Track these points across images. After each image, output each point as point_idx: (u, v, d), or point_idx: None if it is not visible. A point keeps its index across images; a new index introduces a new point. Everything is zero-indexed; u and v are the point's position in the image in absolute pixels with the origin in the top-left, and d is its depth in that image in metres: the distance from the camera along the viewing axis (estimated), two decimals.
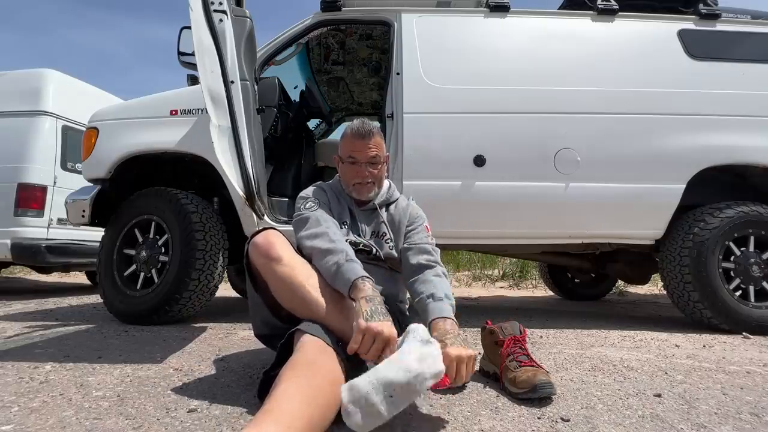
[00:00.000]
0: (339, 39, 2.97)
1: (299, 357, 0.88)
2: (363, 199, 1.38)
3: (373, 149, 1.32)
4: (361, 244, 1.30)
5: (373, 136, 1.33)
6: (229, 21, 1.84)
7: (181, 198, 2.21)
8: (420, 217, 1.43)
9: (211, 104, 1.71)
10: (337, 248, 1.10)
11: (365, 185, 1.35)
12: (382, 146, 1.36)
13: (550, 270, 3.96)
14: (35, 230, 3.54)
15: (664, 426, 0.92)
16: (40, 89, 3.82)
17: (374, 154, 1.33)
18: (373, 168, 1.34)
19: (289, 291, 1.04)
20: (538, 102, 2.28)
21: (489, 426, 0.90)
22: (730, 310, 2.09)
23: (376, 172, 1.35)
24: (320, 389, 0.81)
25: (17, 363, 1.36)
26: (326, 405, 0.80)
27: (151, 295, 2.12)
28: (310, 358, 0.88)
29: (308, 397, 0.78)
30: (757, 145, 2.22)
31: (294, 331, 0.97)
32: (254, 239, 1.08)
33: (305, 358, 0.87)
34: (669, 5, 2.57)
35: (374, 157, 1.33)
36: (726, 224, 2.15)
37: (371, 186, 1.36)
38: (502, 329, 1.22)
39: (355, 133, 1.32)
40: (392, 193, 1.47)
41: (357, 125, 1.33)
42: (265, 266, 1.05)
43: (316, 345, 0.91)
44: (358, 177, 1.34)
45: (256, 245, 1.07)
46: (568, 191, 2.21)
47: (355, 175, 1.34)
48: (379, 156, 1.34)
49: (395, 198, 1.47)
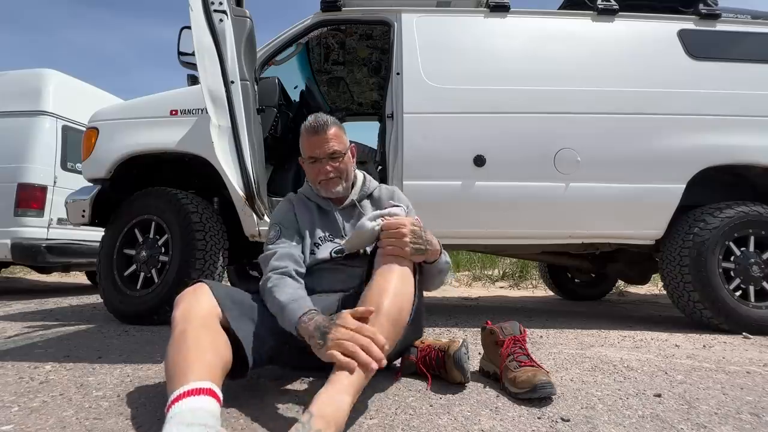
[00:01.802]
0: (339, 39, 2.97)
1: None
2: (332, 195, 1.33)
3: (331, 142, 1.27)
4: (345, 249, 1.26)
5: (328, 127, 1.28)
6: (229, 21, 1.84)
7: (181, 198, 2.21)
8: (404, 201, 1.37)
9: (211, 104, 1.71)
10: (275, 297, 1.04)
11: (330, 180, 1.30)
12: (341, 137, 1.31)
13: (550, 270, 3.96)
14: (35, 230, 3.54)
15: (664, 426, 0.92)
16: (40, 89, 3.82)
17: (333, 149, 1.27)
18: (335, 162, 1.29)
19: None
20: (538, 102, 2.28)
21: (489, 426, 0.90)
22: (730, 310, 2.09)
23: (338, 164, 1.29)
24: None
25: (17, 363, 1.36)
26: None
27: (151, 295, 2.12)
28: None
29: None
30: (757, 145, 2.22)
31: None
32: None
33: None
34: (669, 5, 2.56)
35: (334, 152, 1.28)
36: (726, 224, 2.15)
37: (337, 180, 1.31)
38: (502, 329, 1.22)
39: (308, 130, 1.28)
40: (369, 184, 1.42)
41: (310, 121, 1.29)
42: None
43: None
44: (321, 174, 1.29)
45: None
46: (568, 191, 2.21)
47: (318, 173, 1.29)
48: (338, 150, 1.28)
49: (374, 188, 1.42)
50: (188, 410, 0.73)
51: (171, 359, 0.85)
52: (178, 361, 0.83)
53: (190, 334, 0.88)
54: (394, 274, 1.00)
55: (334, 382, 0.82)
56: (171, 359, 0.85)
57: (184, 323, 0.91)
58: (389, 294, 0.96)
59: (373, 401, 1.03)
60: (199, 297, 0.98)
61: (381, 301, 0.95)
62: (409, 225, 1.05)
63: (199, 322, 0.91)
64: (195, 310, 0.94)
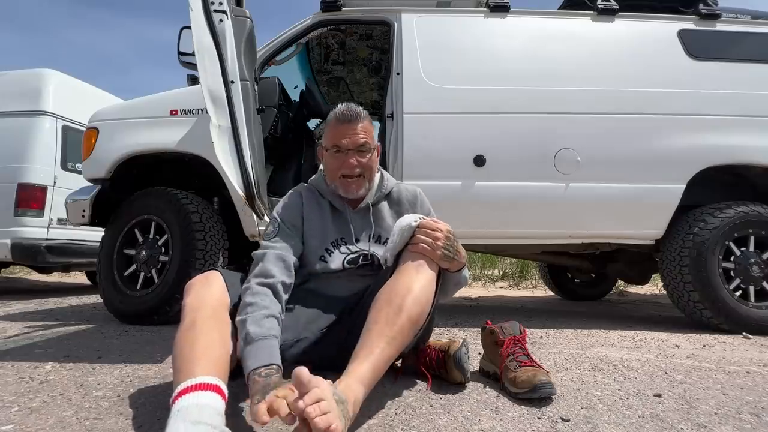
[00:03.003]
0: (339, 39, 2.97)
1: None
2: (351, 197, 1.23)
3: (361, 135, 1.18)
4: (359, 259, 1.20)
5: (361, 119, 1.19)
6: (229, 21, 1.84)
7: (181, 198, 2.21)
8: (426, 205, 1.32)
9: (211, 104, 1.71)
10: (244, 320, 0.94)
11: (354, 180, 1.20)
12: (371, 132, 1.22)
13: (550, 270, 3.97)
14: (35, 230, 3.54)
15: (664, 426, 0.92)
16: (40, 89, 3.82)
17: (363, 141, 1.18)
18: (362, 156, 1.19)
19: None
20: (538, 102, 2.28)
21: (489, 426, 0.90)
22: (730, 310, 2.09)
23: (366, 161, 1.19)
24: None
25: (17, 363, 1.36)
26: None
27: (151, 295, 2.12)
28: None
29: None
30: (756, 145, 2.22)
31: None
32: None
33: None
34: (669, 5, 2.57)
35: (363, 144, 1.18)
36: (726, 224, 2.15)
37: (361, 181, 1.21)
38: (502, 329, 1.22)
39: (339, 117, 1.18)
40: (386, 183, 1.31)
41: (342, 108, 1.19)
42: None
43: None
44: (345, 167, 1.18)
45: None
46: (568, 191, 2.21)
47: (341, 165, 1.18)
48: (368, 143, 1.19)
49: (392, 186, 1.32)
50: (195, 406, 0.72)
51: (179, 350, 0.84)
52: (187, 353, 0.83)
53: (200, 325, 0.88)
54: (423, 275, 0.98)
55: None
56: (179, 350, 0.84)
57: (194, 312, 0.90)
58: (414, 293, 0.94)
59: (373, 401, 1.03)
60: (210, 285, 0.98)
61: (405, 301, 0.93)
62: (445, 230, 1.04)
63: (209, 313, 0.91)
64: (206, 299, 0.94)
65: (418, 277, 0.97)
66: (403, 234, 1.05)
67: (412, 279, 0.97)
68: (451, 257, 1.03)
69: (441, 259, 1.02)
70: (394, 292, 0.95)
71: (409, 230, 1.05)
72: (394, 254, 1.07)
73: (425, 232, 1.03)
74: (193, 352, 0.83)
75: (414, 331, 0.94)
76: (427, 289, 0.98)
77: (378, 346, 0.87)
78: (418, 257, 1.01)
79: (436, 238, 1.02)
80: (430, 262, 1.01)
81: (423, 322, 0.97)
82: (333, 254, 1.22)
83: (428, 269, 1.00)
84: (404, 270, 0.99)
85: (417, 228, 1.04)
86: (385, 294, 0.95)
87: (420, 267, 0.99)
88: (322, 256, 1.22)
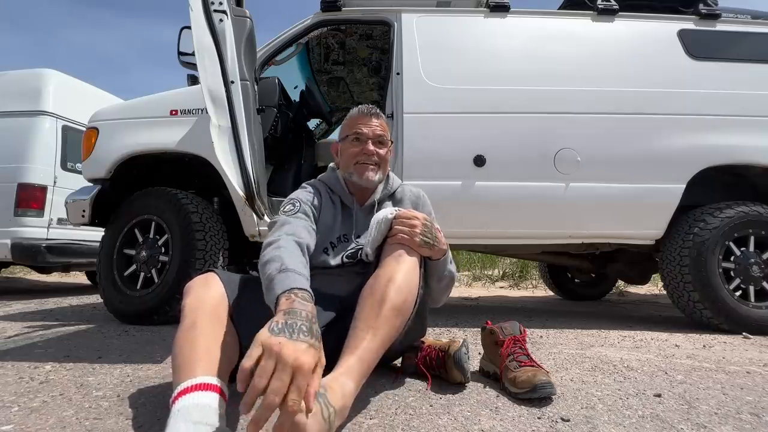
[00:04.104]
0: (339, 39, 2.97)
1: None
2: (363, 183, 1.25)
3: (379, 128, 1.27)
4: (358, 253, 1.21)
5: (380, 116, 1.29)
6: (229, 21, 1.84)
7: (181, 198, 2.21)
8: (428, 207, 1.34)
9: (211, 104, 1.71)
10: (275, 256, 0.91)
11: (369, 166, 1.24)
12: (387, 129, 1.31)
13: (550, 270, 3.97)
14: (35, 230, 3.55)
15: (664, 426, 0.92)
16: (40, 89, 3.82)
17: (381, 132, 1.27)
18: (379, 148, 1.27)
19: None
20: (538, 102, 2.28)
21: (489, 426, 0.90)
22: (730, 310, 2.09)
23: (383, 153, 1.27)
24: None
25: (17, 363, 1.36)
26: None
27: (151, 295, 2.12)
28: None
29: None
30: (756, 145, 2.22)
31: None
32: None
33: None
34: (669, 5, 2.57)
35: (381, 135, 1.27)
36: (726, 224, 2.15)
37: (375, 169, 1.26)
38: (502, 329, 1.22)
39: (360, 110, 1.29)
40: (392, 182, 1.35)
41: (363, 106, 1.30)
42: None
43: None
44: (363, 154, 1.24)
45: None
46: (568, 191, 2.21)
47: (359, 152, 1.24)
48: (385, 136, 1.28)
49: (396, 185, 1.36)
50: (195, 405, 0.72)
51: (179, 350, 0.84)
52: (187, 353, 0.83)
53: (200, 325, 0.88)
54: (403, 264, 0.99)
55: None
56: (179, 350, 0.84)
57: (194, 313, 0.90)
58: (396, 283, 0.95)
59: (373, 401, 1.03)
60: (209, 286, 0.98)
61: (387, 290, 0.94)
62: (422, 218, 1.06)
63: (209, 313, 0.91)
64: (205, 300, 0.94)
65: (398, 267, 0.98)
66: (380, 227, 1.07)
67: (393, 269, 0.98)
68: (431, 244, 1.05)
69: (420, 247, 1.03)
70: (377, 284, 0.96)
71: (386, 223, 1.06)
72: (374, 248, 1.08)
73: (402, 222, 1.05)
74: (193, 352, 0.83)
75: (400, 319, 0.95)
76: (409, 277, 0.98)
77: (364, 338, 0.88)
78: (398, 247, 1.02)
79: (413, 225, 1.04)
80: (410, 251, 1.02)
81: (409, 311, 0.98)
82: (335, 249, 1.25)
83: (408, 257, 1.01)
84: (385, 262, 1.01)
85: (394, 219, 1.06)
86: (368, 287, 0.97)
87: (400, 257, 1.01)
88: (326, 249, 1.24)
